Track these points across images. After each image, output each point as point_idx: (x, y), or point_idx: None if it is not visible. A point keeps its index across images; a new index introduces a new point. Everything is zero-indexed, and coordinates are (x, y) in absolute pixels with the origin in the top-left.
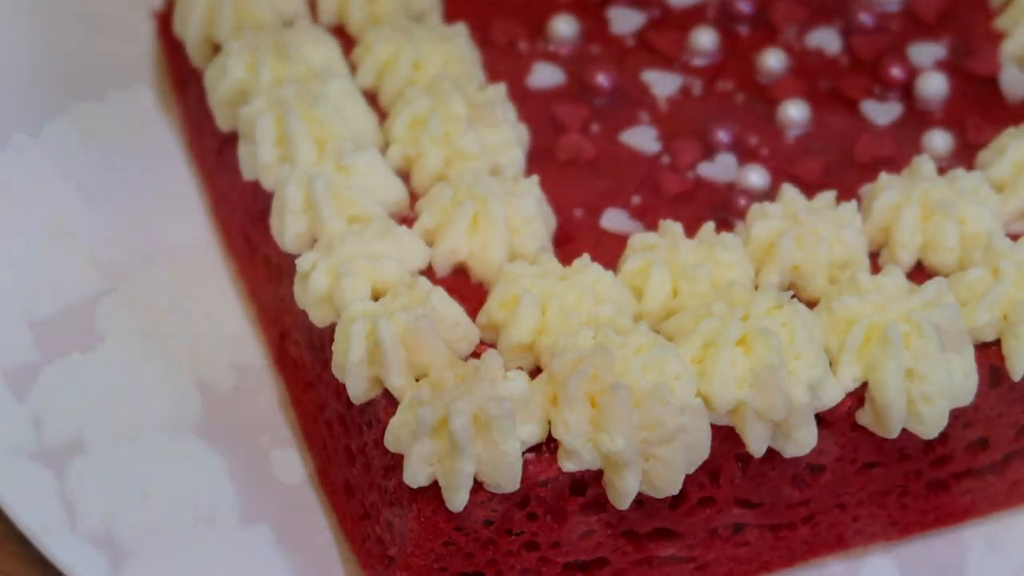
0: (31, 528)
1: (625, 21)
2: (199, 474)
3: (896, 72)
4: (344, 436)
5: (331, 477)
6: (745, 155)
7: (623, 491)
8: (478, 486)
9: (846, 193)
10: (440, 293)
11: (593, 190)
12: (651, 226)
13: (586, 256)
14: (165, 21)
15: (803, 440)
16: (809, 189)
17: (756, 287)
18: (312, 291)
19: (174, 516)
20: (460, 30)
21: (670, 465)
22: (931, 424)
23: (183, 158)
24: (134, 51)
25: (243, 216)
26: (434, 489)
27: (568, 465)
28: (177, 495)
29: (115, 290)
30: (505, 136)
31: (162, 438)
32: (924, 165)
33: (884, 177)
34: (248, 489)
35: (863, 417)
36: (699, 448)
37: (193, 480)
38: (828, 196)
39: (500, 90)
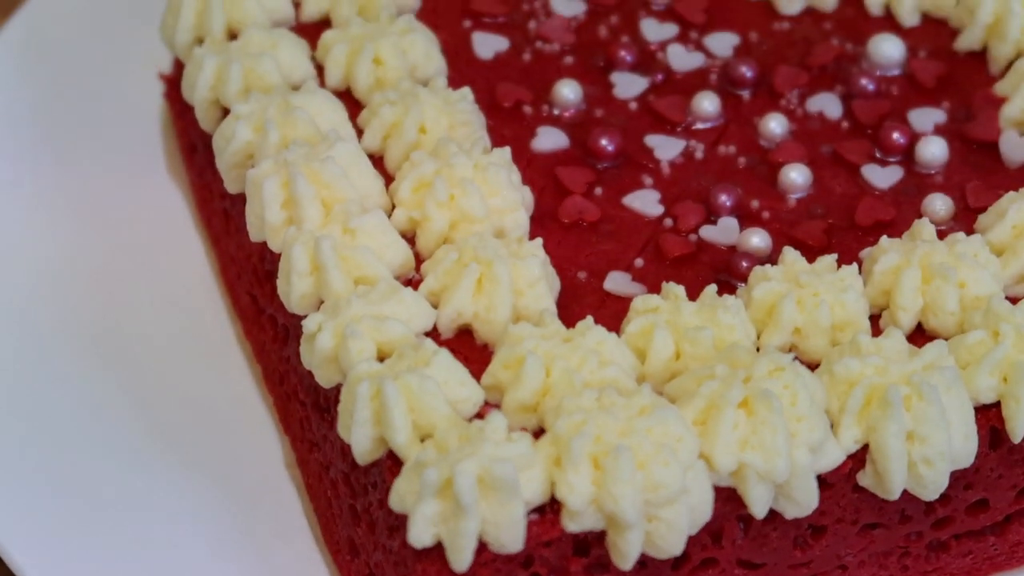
0: None
1: (628, 86)
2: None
3: (897, 137)
4: (349, 496)
5: (336, 536)
6: (747, 218)
7: (626, 552)
8: (482, 547)
9: (847, 256)
10: (445, 354)
11: (596, 253)
12: (654, 288)
13: (589, 318)
14: (173, 84)
15: (805, 501)
16: (810, 252)
17: (758, 349)
18: (318, 352)
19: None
20: (465, 94)
21: (673, 526)
22: (932, 486)
23: (191, 220)
24: (142, 113)
25: (250, 277)
26: (438, 550)
27: (571, 526)
28: (178, 550)
29: (119, 349)
30: (510, 199)
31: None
32: (924, 228)
33: (885, 240)
34: (252, 546)
35: (864, 479)
36: (701, 509)
37: (196, 537)
38: (829, 259)
39: (505, 153)
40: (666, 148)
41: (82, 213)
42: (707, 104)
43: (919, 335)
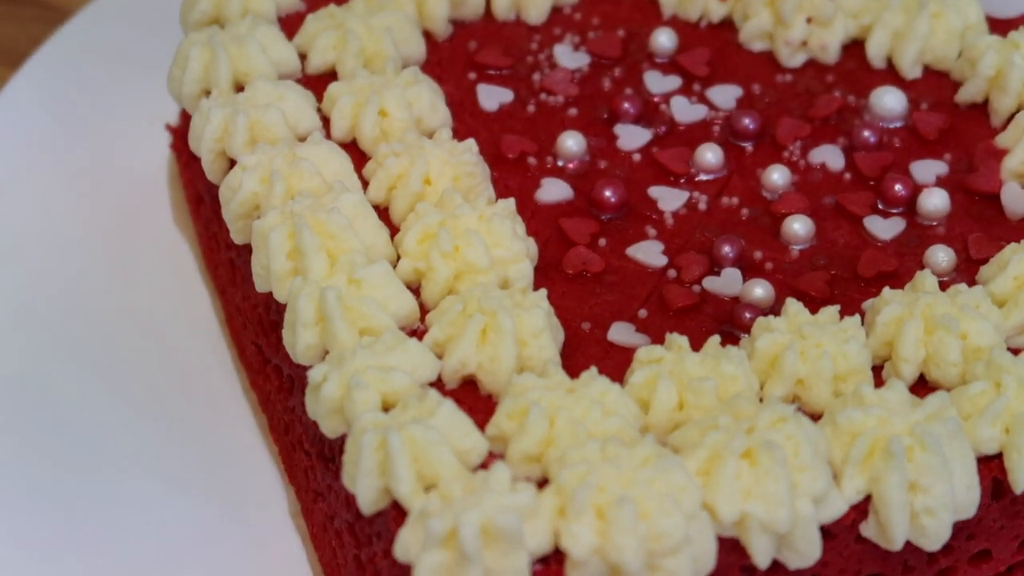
0: None
1: (632, 138)
2: None
3: (899, 188)
4: (354, 546)
5: None
6: (750, 269)
7: None
8: None
9: (850, 307)
10: (449, 405)
11: (600, 303)
12: (658, 339)
13: (593, 369)
14: (180, 135)
15: (808, 552)
16: (813, 303)
17: (761, 400)
18: (323, 402)
19: None
20: (470, 145)
21: None
22: (935, 537)
23: (197, 270)
24: (149, 164)
25: (256, 328)
26: None
27: None
28: None
29: (126, 398)
30: (514, 250)
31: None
32: (927, 280)
33: (887, 292)
34: None
35: (867, 529)
36: (705, 560)
37: None
38: (832, 310)
39: (509, 204)
40: (669, 199)
41: (89, 262)
42: (710, 156)
43: (921, 386)
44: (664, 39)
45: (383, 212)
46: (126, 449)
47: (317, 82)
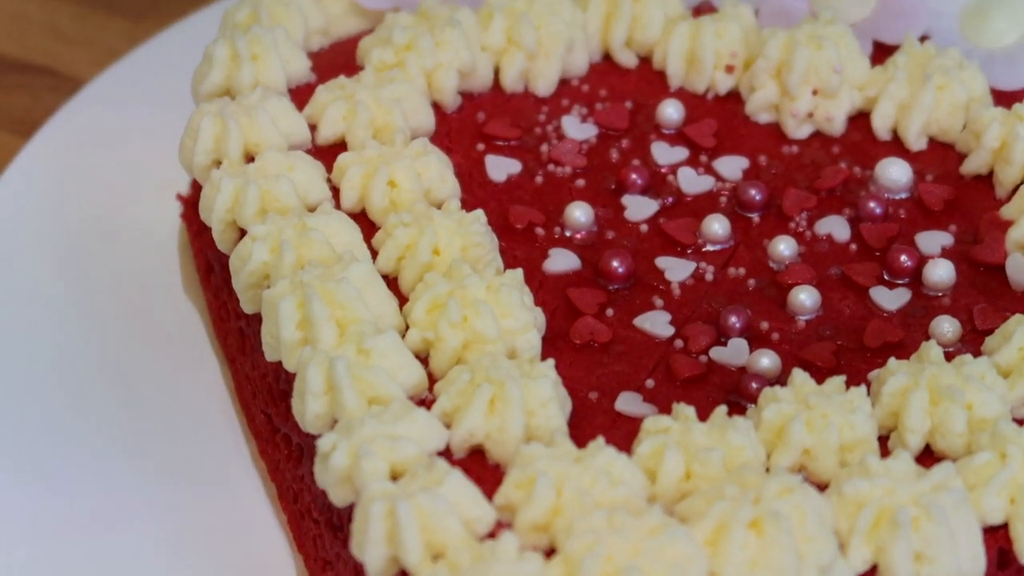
0: None
1: (639, 208)
2: None
3: (904, 259)
4: None
5: None
6: (757, 340)
7: None
8: None
9: (856, 377)
10: (457, 474)
11: (608, 373)
12: (665, 409)
13: (600, 439)
14: (191, 205)
15: None
16: (819, 373)
17: (767, 470)
18: (332, 471)
19: None
20: (479, 216)
21: None
22: None
23: (207, 339)
24: (160, 234)
25: (265, 397)
26: None
27: None
28: None
29: (135, 466)
30: (522, 320)
31: None
32: (932, 350)
33: (893, 362)
34: None
35: None
36: None
37: None
38: (838, 381)
39: (517, 275)
40: (677, 270)
41: (100, 330)
42: (717, 227)
43: (927, 456)
44: (671, 111)
45: (392, 282)
46: (133, 515)
47: (327, 153)
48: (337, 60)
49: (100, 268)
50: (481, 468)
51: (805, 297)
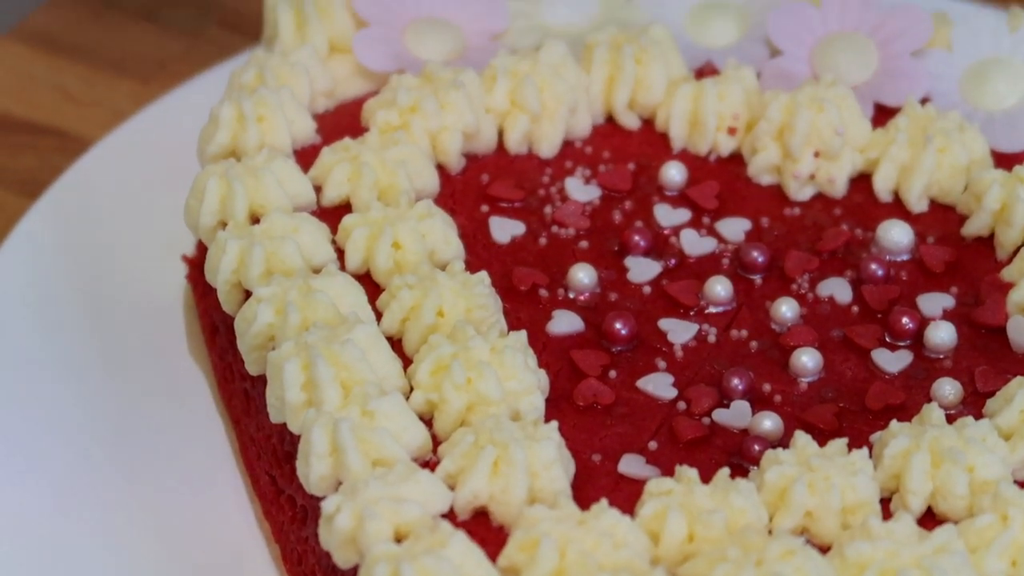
0: None
1: (642, 270)
2: None
3: (906, 321)
4: None
5: None
6: (759, 402)
7: None
8: None
9: (858, 440)
10: (461, 536)
11: (611, 435)
12: (668, 471)
13: (604, 501)
14: (196, 266)
15: None
16: (821, 436)
17: (770, 532)
18: (336, 533)
19: None
20: (483, 278)
21: None
22: None
23: (211, 400)
24: (165, 294)
25: (269, 458)
26: None
27: None
28: None
29: (137, 526)
30: (526, 382)
31: None
32: (934, 413)
33: (895, 424)
34: None
35: None
36: None
37: None
38: (840, 443)
39: (521, 337)
40: (679, 332)
41: (104, 389)
42: (719, 288)
43: (929, 518)
44: (674, 172)
45: (396, 343)
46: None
47: (332, 214)
48: (342, 122)
49: (105, 328)
50: (485, 530)
51: (807, 359)
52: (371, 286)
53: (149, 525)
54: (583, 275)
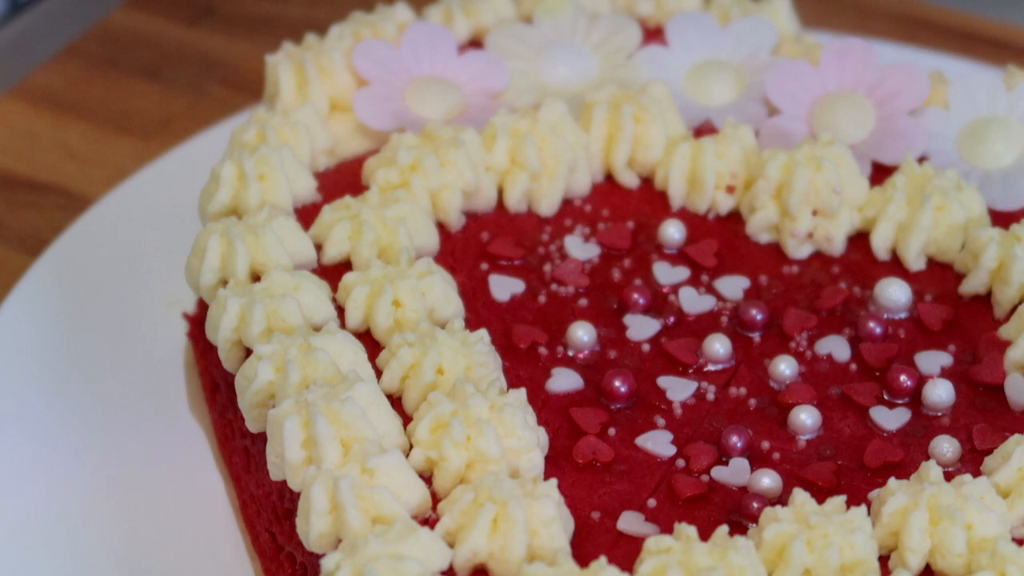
0: None
1: (641, 328)
2: None
3: (904, 379)
4: None
5: None
6: (758, 459)
7: None
8: None
9: (856, 497)
10: None
11: (610, 493)
12: (667, 529)
13: (603, 558)
14: (197, 324)
15: None
16: (820, 493)
17: None
18: None
19: None
20: (482, 336)
21: None
22: None
23: (212, 457)
24: (166, 352)
25: (269, 515)
26: None
27: None
28: None
29: None
30: (525, 440)
31: None
32: (932, 470)
33: (893, 482)
34: None
35: None
36: None
37: None
38: (838, 500)
39: (521, 395)
40: (678, 390)
41: (104, 446)
42: (718, 346)
43: (927, 575)
44: (673, 231)
45: (396, 401)
46: None
47: (332, 272)
48: (343, 180)
49: (106, 385)
50: None
51: (806, 417)
52: (371, 344)
53: None
54: (582, 333)
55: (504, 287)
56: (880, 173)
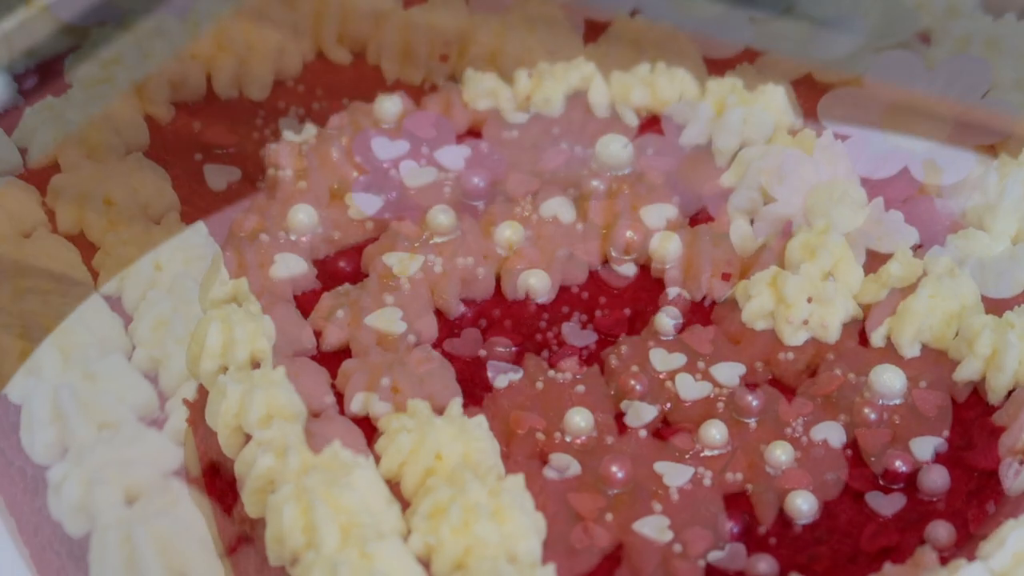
0: None
1: (638, 414)
2: None
3: (899, 465)
4: None
5: None
6: (754, 545)
7: None
8: None
9: None
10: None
11: None
12: None
13: None
14: (197, 410)
15: None
16: None
17: None
18: None
19: None
20: (480, 422)
21: None
22: None
23: (209, 541)
24: (164, 439)
25: None
26: None
27: None
28: None
29: None
30: (522, 526)
31: None
32: (927, 556)
33: (889, 567)
34: None
35: None
36: None
37: None
38: None
39: (519, 480)
40: (675, 475)
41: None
42: (715, 432)
43: None
44: (668, 318)
45: (395, 486)
46: None
47: (332, 359)
48: (342, 267)
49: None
50: None
51: (802, 502)
52: (370, 429)
53: None
54: (580, 419)
55: (502, 374)
56: (874, 261)
